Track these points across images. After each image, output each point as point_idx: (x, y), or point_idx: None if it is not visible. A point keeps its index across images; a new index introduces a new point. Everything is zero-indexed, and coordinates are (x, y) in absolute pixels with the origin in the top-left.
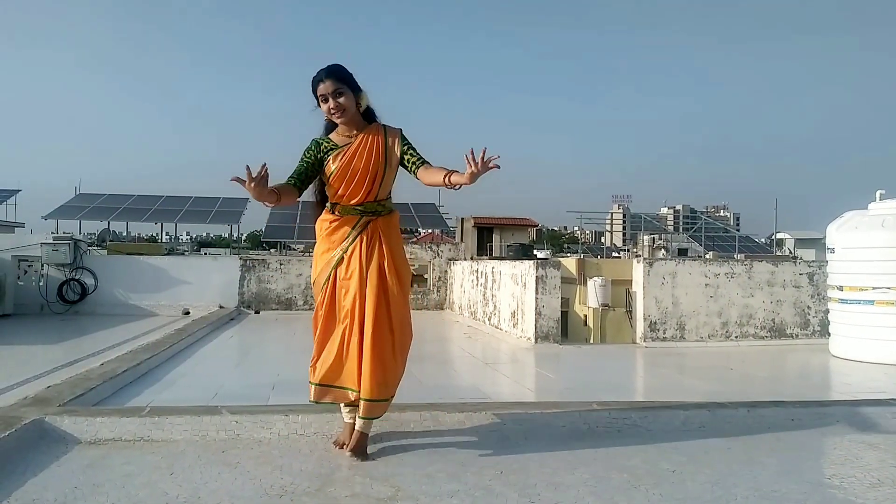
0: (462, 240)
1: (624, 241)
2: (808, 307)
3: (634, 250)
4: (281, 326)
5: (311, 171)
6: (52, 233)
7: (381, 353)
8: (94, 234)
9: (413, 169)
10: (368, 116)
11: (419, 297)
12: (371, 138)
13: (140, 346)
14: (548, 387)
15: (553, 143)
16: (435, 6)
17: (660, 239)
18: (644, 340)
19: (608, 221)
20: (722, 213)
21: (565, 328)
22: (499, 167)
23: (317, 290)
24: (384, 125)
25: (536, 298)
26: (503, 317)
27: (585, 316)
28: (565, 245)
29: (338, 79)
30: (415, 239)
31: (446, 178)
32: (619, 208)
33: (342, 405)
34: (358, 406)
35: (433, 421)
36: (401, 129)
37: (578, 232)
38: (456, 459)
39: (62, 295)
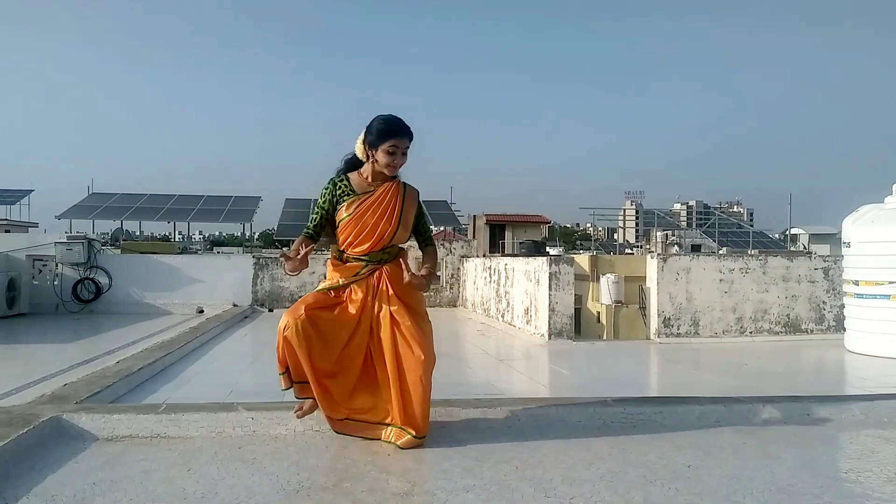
0: (474, 237)
1: (637, 237)
2: (824, 302)
3: (647, 246)
4: None
5: (326, 216)
6: (66, 232)
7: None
8: (108, 233)
9: (420, 246)
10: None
11: (432, 294)
12: (390, 194)
13: (155, 344)
14: (562, 383)
15: (565, 140)
16: (448, 8)
17: (673, 235)
18: (658, 336)
19: (621, 218)
20: (735, 209)
21: (578, 325)
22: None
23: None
24: (404, 183)
25: (550, 295)
26: (516, 313)
27: (598, 313)
28: (578, 242)
29: (411, 139)
30: None
31: (421, 269)
32: (631, 204)
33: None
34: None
35: (448, 416)
36: (418, 192)
37: (591, 228)
38: (471, 455)
39: (77, 294)
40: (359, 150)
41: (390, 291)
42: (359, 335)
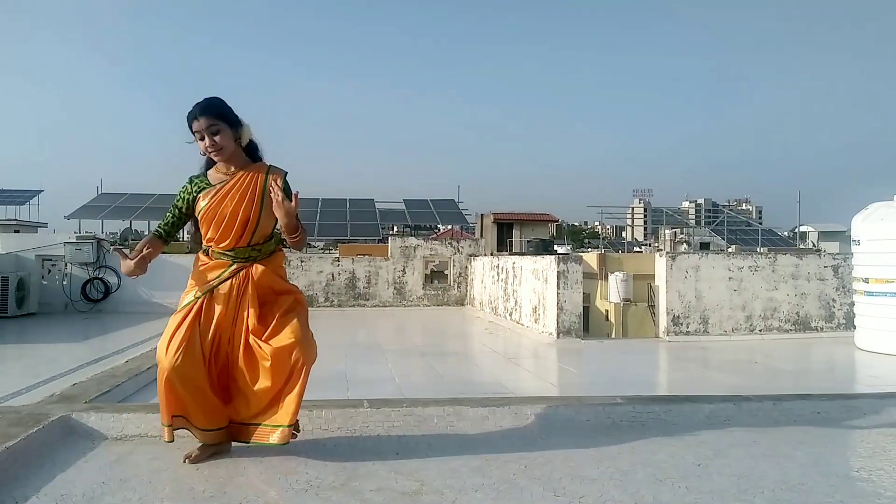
0: (482, 236)
1: (645, 235)
2: (833, 300)
3: (656, 245)
4: None
5: (181, 216)
6: (75, 232)
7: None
8: (117, 233)
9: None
10: (251, 152)
11: (440, 293)
12: (249, 178)
13: None
14: (571, 381)
15: (575, 139)
16: (449, 12)
17: (681, 233)
18: (667, 335)
19: (629, 216)
20: (744, 207)
21: (587, 324)
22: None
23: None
24: (269, 165)
25: (558, 293)
26: (524, 312)
27: (607, 311)
28: (586, 240)
29: (213, 114)
30: (435, 235)
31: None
32: (640, 202)
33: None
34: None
35: (456, 416)
36: (286, 172)
37: (599, 227)
38: (480, 453)
39: (86, 293)
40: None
41: (255, 293)
42: (221, 342)
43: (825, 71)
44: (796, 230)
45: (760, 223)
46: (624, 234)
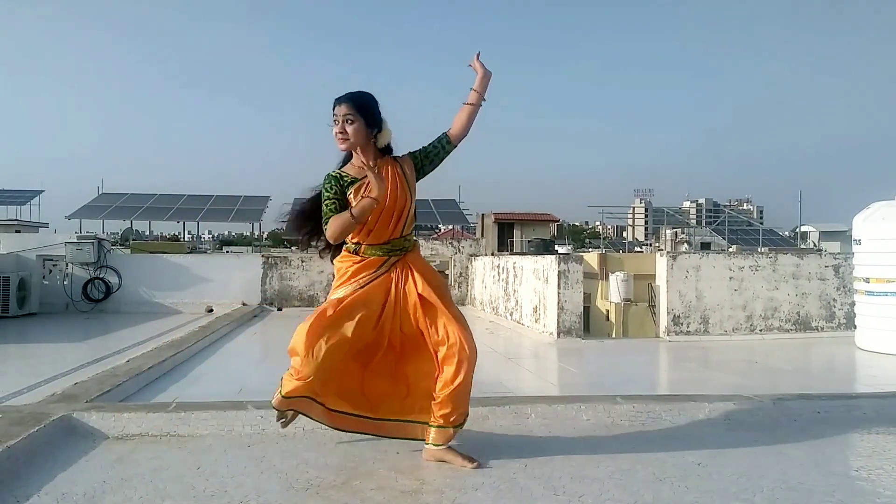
0: (483, 235)
1: (646, 235)
2: (834, 300)
3: (657, 245)
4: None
5: (342, 206)
6: (76, 232)
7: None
8: (118, 233)
9: (443, 143)
10: (386, 152)
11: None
12: (390, 169)
13: (165, 343)
14: (571, 381)
15: (575, 139)
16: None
17: (682, 233)
18: (667, 335)
19: (630, 216)
20: (745, 207)
21: (587, 324)
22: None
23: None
24: (395, 156)
25: (559, 293)
26: (525, 312)
27: (608, 311)
28: (587, 240)
29: (355, 106)
30: (435, 235)
31: (468, 103)
32: (640, 202)
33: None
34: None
35: None
36: (409, 152)
37: (600, 227)
38: (480, 453)
39: (87, 293)
40: None
41: (419, 277)
42: (377, 332)
43: (825, 71)
44: (797, 230)
45: (761, 223)
46: (625, 234)
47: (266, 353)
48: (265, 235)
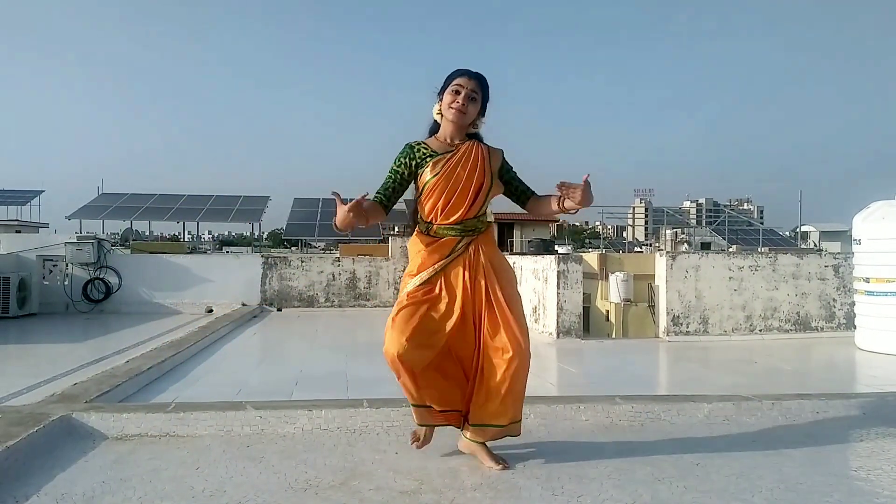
0: None
1: (646, 235)
2: (834, 300)
3: (657, 245)
4: (303, 323)
5: (401, 182)
6: (76, 233)
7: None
8: (118, 233)
9: (524, 199)
10: (476, 139)
11: None
12: (475, 148)
13: (164, 343)
14: (570, 381)
15: (575, 138)
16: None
17: (682, 233)
18: (667, 335)
19: (630, 216)
20: (746, 207)
21: (587, 324)
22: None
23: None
24: (486, 143)
25: (558, 293)
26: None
27: (607, 311)
28: (587, 240)
29: (482, 86)
30: None
31: (560, 203)
32: (641, 202)
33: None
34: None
35: None
36: (502, 150)
37: (600, 227)
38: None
39: (87, 294)
40: (434, 114)
41: (489, 267)
42: (460, 324)
43: (825, 70)
44: (798, 230)
45: (762, 223)
46: (625, 234)
47: (265, 354)
48: (265, 236)
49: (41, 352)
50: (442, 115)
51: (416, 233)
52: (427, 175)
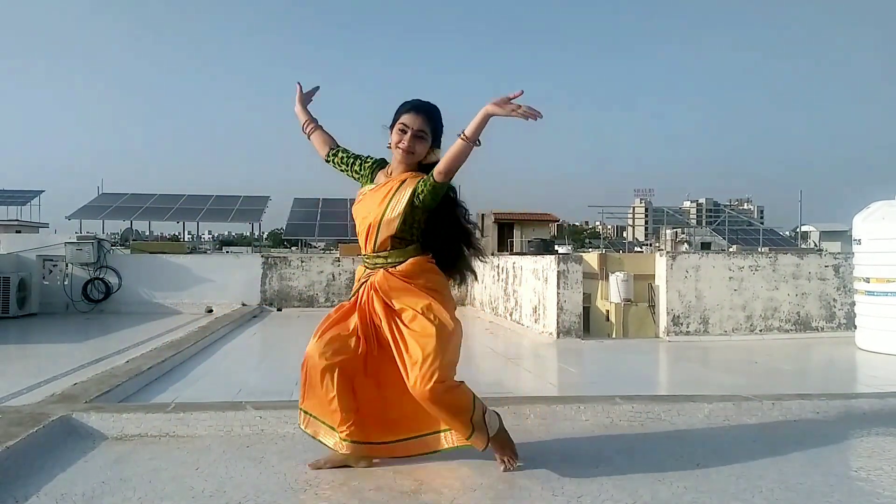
0: (483, 235)
1: (646, 235)
2: (834, 300)
3: (657, 245)
4: (303, 323)
5: (352, 159)
6: (76, 233)
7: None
8: (118, 233)
9: (430, 185)
10: (426, 169)
11: None
12: (394, 183)
13: (164, 343)
14: (570, 381)
15: (574, 138)
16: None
17: (682, 233)
18: (667, 335)
19: (630, 216)
20: (746, 207)
21: (587, 324)
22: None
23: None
24: (421, 174)
25: (558, 293)
26: (524, 312)
27: (608, 311)
28: (587, 240)
29: (430, 123)
30: None
31: (462, 137)
32: (641, 202)
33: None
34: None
35: None
36: (422, 178)
37: (600, 227)
38: (479, 453)
39: (87, 294)
40: (389, 145)
41: (385, 307)
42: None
43: (826, 70)
44: (798, 230)
45: (762, 223)
46: (625, 234)
47: (265, 354)
48: (265, 235)
49: (41, 352)
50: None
51: None
52: (357, 197)
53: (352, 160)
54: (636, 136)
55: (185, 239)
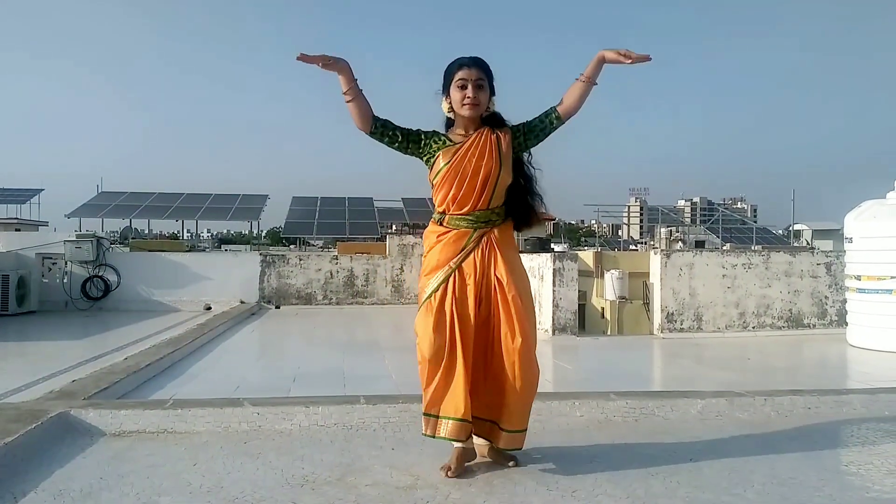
0: None
1: (641, 233)
2: (826, 297)
3: (651, 243)
4: (301, 321)
5: (404, 136)
6: (76, 231)
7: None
8: (117, 231)
9: (554, 118)
10: (490, 121)
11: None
12: (485, 137)
13: (163, 340)
14: (565, 378)
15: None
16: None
17: (677, 231)
18: (661, 332)
19: (625, 214)
20: (739, 205)
21: (583, 321)
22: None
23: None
24: (495, 128)
25: (554, 291)
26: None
27: (603, 308)
28: (583, 238)
29: (484, 70)
30: None
31: (582, 80)
32: (636, 201)
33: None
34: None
35: None
36: (511, 126)
37: (595, 225)
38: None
39: (86, 291)
40: (444, 110)
41: (503, 266)
42: (477, 324)
43: (821, 70)
44: (791, 228)
45: (755, 221)
46: (620, 233)
47: (263, 351)
48: (264, 234)
49: (40, 349)
50: (454, 111)
51: (431, 222)
52: (440, 163)
53: (405, 133)
54: (632, 136)
55: (184, 237)
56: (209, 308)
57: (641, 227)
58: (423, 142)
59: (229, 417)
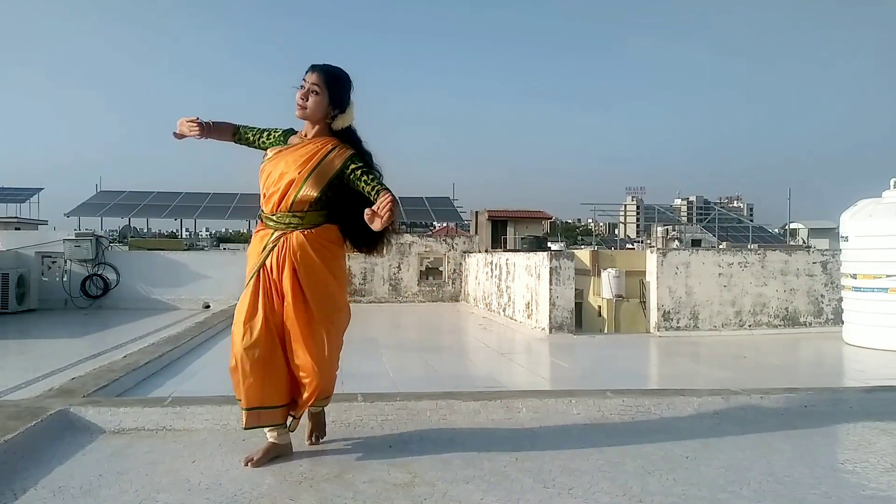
0: (476, 233)
1: (638, 232)
2: (822, 296)
3: (648, 242)
4: None
5: (258, 134)
6: (75, 230)
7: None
8: (116, 230)
9: (373, 195)
10: (345, 137)
11: (434, 289)
12: (311, 147)
13: (162, 338)
14: (562, 376)
15: (569, 137)
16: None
17: (673, 230)
18: (658, 330)
19: (622, 213)
20: (735, 204)
21: (579, 319)
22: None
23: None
24: (345, 144)
25: (551, 289)
26: (517, 308)
27: (599, 307)
28: (579, 237)
29: (325, 79)
30: (430, 232)
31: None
32: (632, 200)
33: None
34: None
35: (449, 409)
36: (360, 152)
37: (592, 224)
38: (471, 446)
39: (85, 290)
40: None
41: (287, 269)
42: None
43: (816, 69)
44: (787, 227)
45: (751, 220)
46: (617, 232)
47: None
48: None
49: (40, 347)
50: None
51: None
52: (265, 159)
53: (259, 132)
54: (629, 135)
55: (183, 236)
56: (208, 306)
57: (638, 226)
58: (261, 138)
59: (228, 415)
